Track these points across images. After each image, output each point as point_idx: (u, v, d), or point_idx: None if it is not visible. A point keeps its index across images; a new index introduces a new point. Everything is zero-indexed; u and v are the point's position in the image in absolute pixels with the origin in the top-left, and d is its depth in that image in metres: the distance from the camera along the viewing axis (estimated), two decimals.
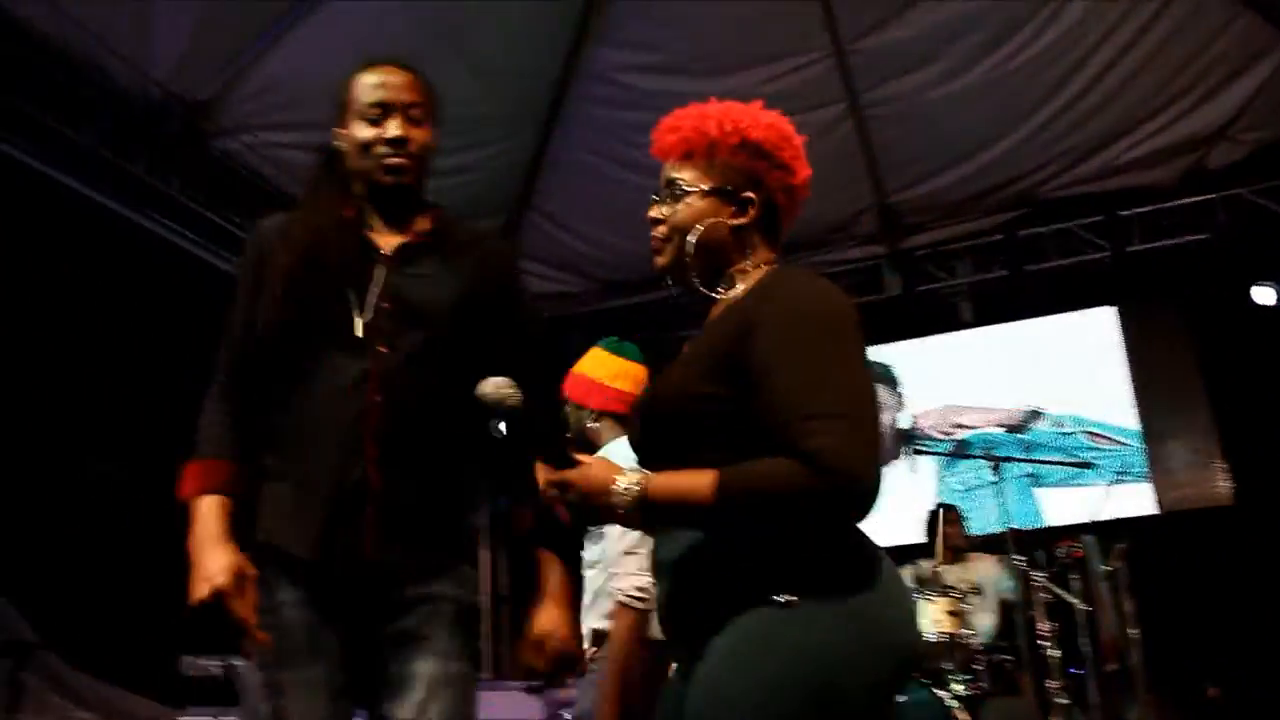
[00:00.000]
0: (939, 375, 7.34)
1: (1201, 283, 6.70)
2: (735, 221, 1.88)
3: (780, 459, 1.56)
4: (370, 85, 2.10)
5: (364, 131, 2.09)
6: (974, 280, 7.31)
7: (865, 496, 1.55)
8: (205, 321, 6.36)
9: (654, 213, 1.92)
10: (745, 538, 1.65)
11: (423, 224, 2.14)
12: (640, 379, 3.16)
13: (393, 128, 2.07)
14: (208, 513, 1.98)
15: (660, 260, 1.91)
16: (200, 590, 1.87)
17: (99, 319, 6.26)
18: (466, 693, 1.98)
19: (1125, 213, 6.84)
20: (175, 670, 5.59)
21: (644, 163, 6.81)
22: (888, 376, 7.48)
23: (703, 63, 6.51)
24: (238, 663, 5.46)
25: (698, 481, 1.62)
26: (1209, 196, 6.64)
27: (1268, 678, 5.64)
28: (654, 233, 1.92)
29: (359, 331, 2.00)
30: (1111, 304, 7.01)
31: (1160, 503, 6.53)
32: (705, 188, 1.88)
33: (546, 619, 2.07)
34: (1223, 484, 6.49)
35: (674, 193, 1.90)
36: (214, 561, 1.91)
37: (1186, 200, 6.70)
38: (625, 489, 1.67)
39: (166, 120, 5.74)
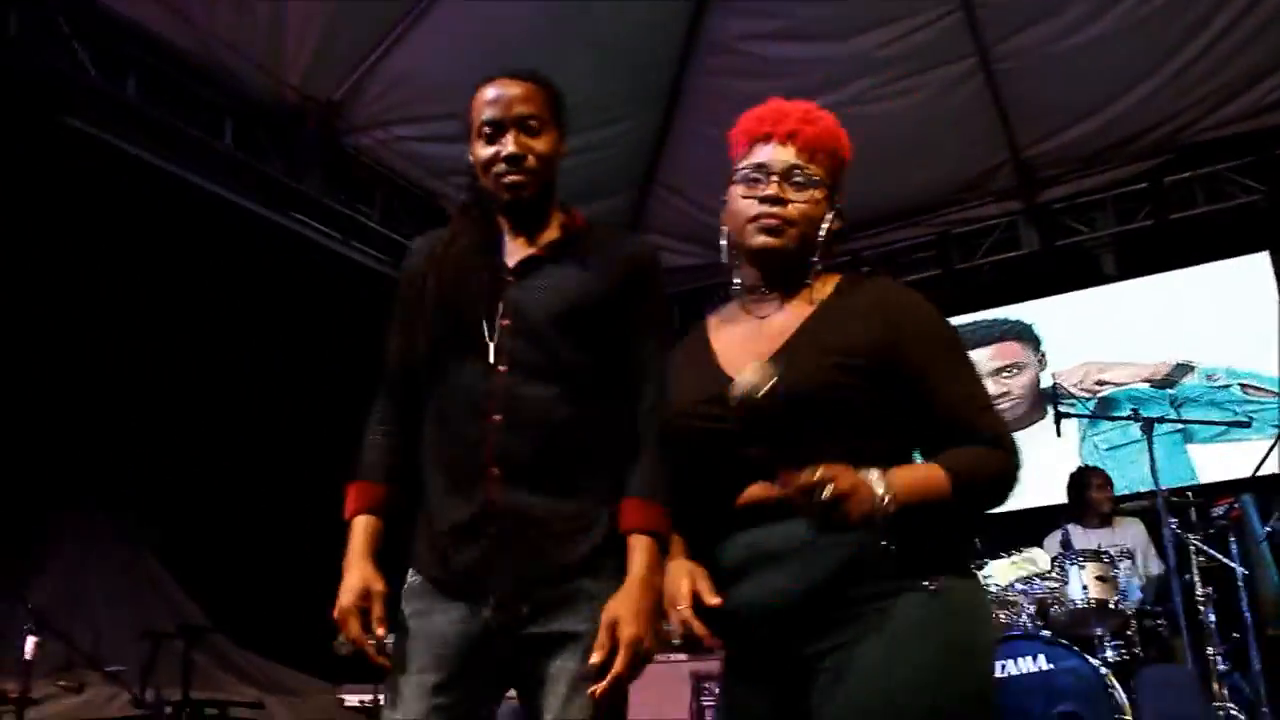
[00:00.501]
0: (1081, 331, 7.10)
1: None
2: (836, 225, 1.94)
3: (972, 447, 1.76)
4: (485, 102, 2.07)
5: (483, 150, 2.07)
6: (1117, 232, 7.04)
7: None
8: (350, 315, 6.64)
9: (774, 191, 1.89)
10: (880, 526, 1.68)
11: (550, 234, 2.12)
12: None
13: (508, 144, 2.04)
14: (356, 532, 2.07)
15: (777, 242, 1.89)
16: (341, 599, 1.99)
17: (250, 320, 6.57)
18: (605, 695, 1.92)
19: (1279, 151, 6.49)
20: (333, 649, 5.82)
21: None
22: (1028, 335, 7.29)
23: (824, 25, 6.43)
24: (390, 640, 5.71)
25: (933, 477, 1.73)
26: None
27: None
28: (774, 211, 1.89)
29: (490, 356, 2.01)
30: (1265, 249, 6.65)
31: None
32: (829, 185, 1.92)
33: (616, 604, 1.91)
34: None
35: (801, 181, 1.90)
36: (347, 581, 2.01)
37: None
38: (884, 492, 1.67)
39: (301, 122, 5.97)
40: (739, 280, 2.01)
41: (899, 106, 6.61)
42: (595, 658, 1.87)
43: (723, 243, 2.01)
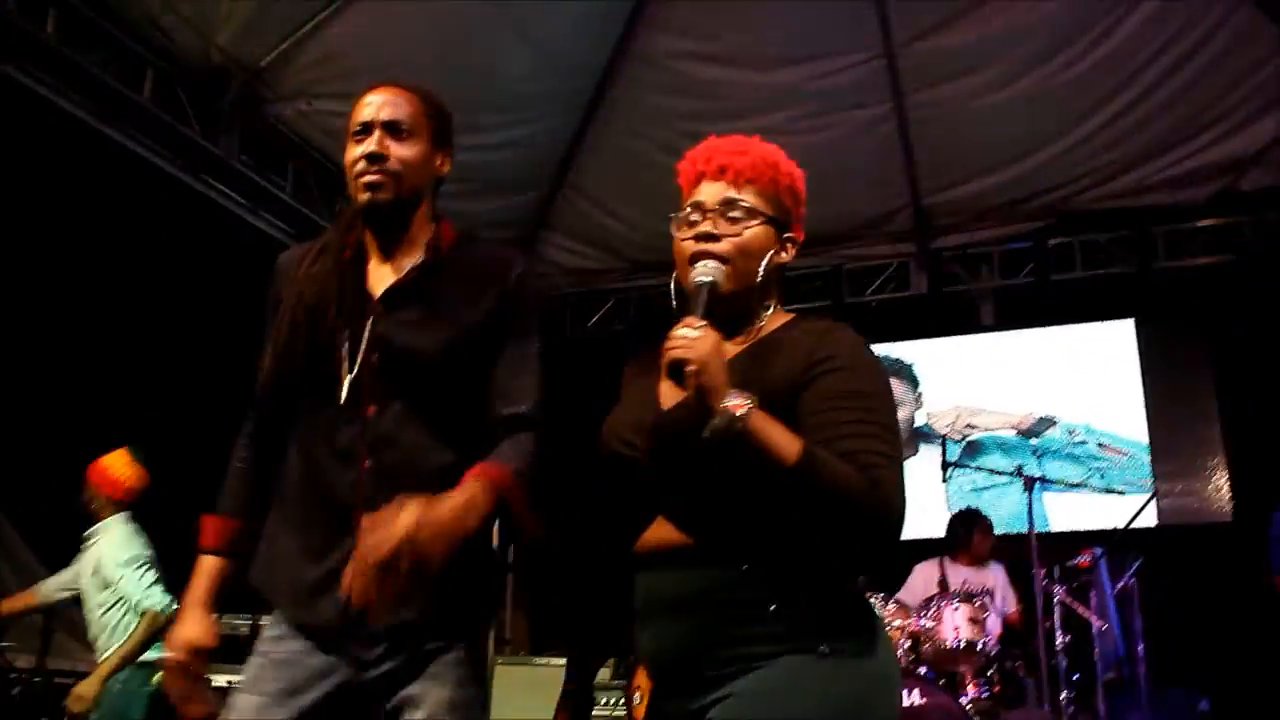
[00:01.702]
0: (957, 375, 7.49)
1: (1223, 303, 6.86)
2: (780, 259, 1.89)
3: (852, 467, 1.65)
4: (359, 107, 2.03)
5: (349, 153, 2.01)
6: (999, 285, 7.46)
7: (898, 531, 1.68)
8: (252, 283, 6.48)
9: (707, 227, 1.82)
10: (776, 581, 1.68)
11: (414, 256, 2.03)
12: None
13: (369, 143, 1.97)
14: (200, 574, 2.03)
15: (724, 279, 1.81)
16: (171, 653, 1.98)
17: (149, 278, 6.34)
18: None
19: (1154, 229, 6.99)
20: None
21: (681, 147, 6.91)
22: (907, 374, 7.64)
23: (752, 54, 6.59)
24: (266, 620, 5.62)
25: (790, 440, 1.63)
26: (1239, 219, 6.80)
27: (1259, 690, 5.88)
28: (709, 248, 1.81)
29: (342, 396, 1.93)
30: (1131, 317, 7.16)
31: (1161, 515, 6.72)
32: (767, 215, 1.85)
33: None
34: (1225, 501, 6.70)
35: (734, 214, 1.83)
36: (182, 631, 1.99)
37: (1215, 221, 6.86)
38: (744, 400, 1.62)
39: (224, 84, 5.81)
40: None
41: (812, 140, 6.82)
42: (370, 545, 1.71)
43: (671, 286, 1.93)
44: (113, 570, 4.59)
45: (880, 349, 7.75)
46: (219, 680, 5.52)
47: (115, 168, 5.70)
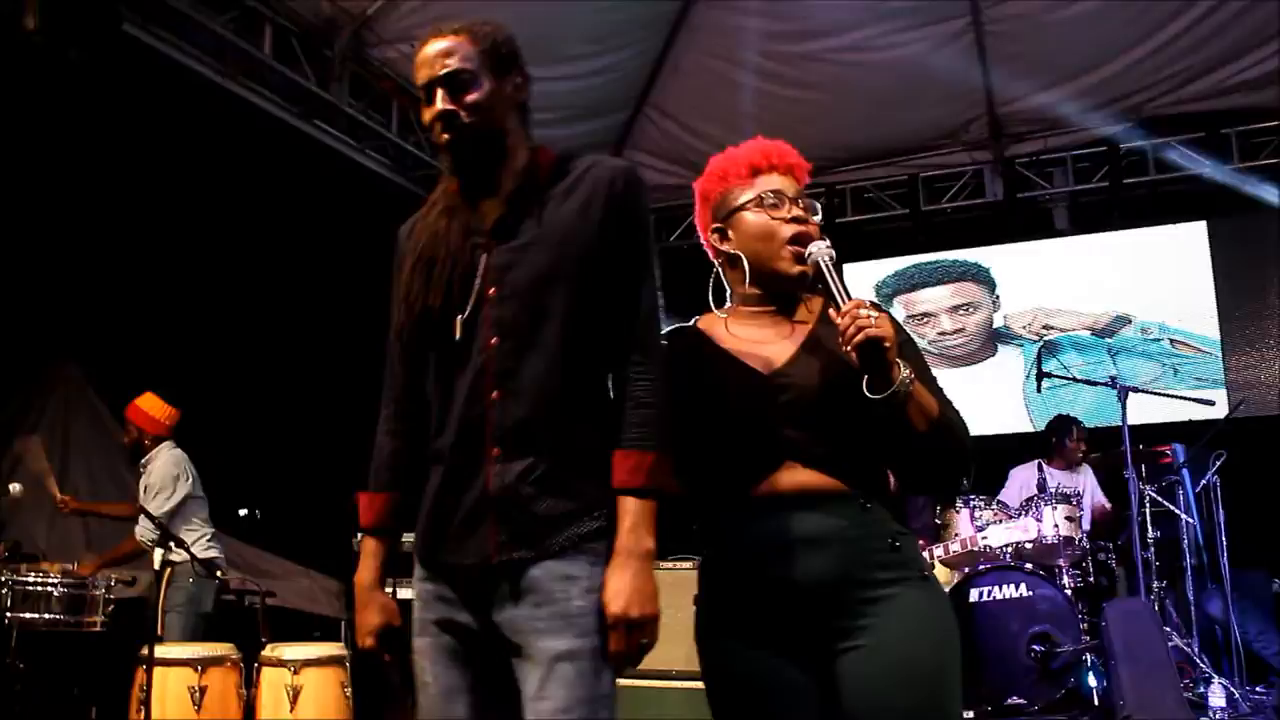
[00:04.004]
0: (1033, 279, 7.75)
1: None
2: None
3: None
4: (417, 67, 1.99)
5: (425, 114, 1.99)
6: (1072, 190, 7.67)
7: None
8: (358, 216, 6.84)
9: (801, 213, 2.05)
10: (893, 518, 1.97)
11: (510, 182, 1.99)
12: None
13: (437, 103, 1.95)
14: (366, 555, 2.06)
15: (808, 268, 2.02)
16: (360, 641, 2.04)
17: (261, 214, 6.69)
18: (587, 667, 1.84)
19: (1225, 131, 7.15)
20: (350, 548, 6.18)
21: (764, 67, 7.11)
22: (984, 277, 7.92)
23: None
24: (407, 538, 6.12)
25: (930, 397, 1.95)
26: None
27: None
28: (812, 230, 2.04)
29: (460, 332, 1.92)
30: (1203, 219, 7.36)
31: (1231, 407, 7.02)
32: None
33: (608, 583, 1.85)
34: None
35: (805, 204, 2.07)
36: (363, 621, 2.03)
37: None
38: (907, 369, 1.90)
39: (335, 34, 6.06)
40: (740, 292, 2.12)
41: (891, 57, 7.00)
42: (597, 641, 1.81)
43: (745, 265, 2.06)
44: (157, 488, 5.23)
45: (958, 254, 8.04)
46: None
47: (236, 119, 6.00)
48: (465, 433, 1.92)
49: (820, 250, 1.99)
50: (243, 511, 7.59)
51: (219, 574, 5.10)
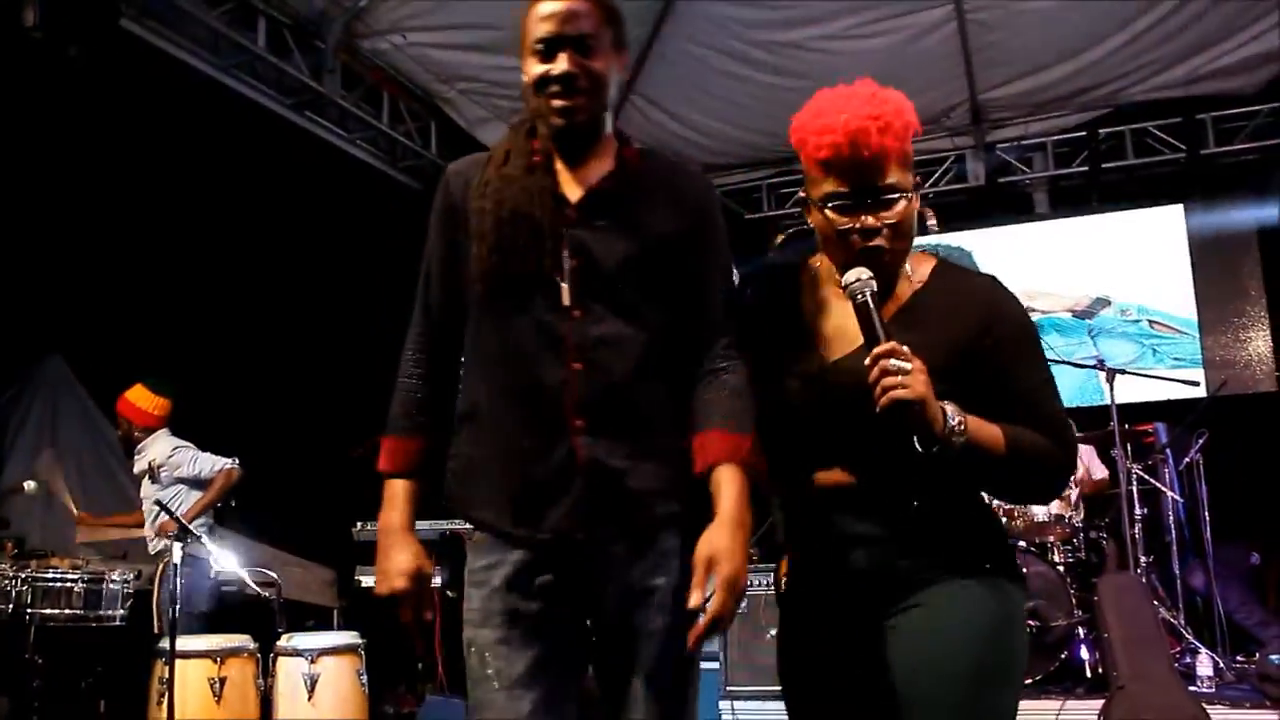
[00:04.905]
0: (1014, 262, 7.88)
1: (1269, 186, 7.24)
2: (923, 211, 2.13)
3: (1035, 432, 1.83)
4: (539, 18, 1.91)
5: (535, 68, 1.91)
6: (1052, 174, 7.81)
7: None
8: (354, 211, 6.87)
9: (871, 221, 1.83)
10: (942, 518, 1.86)
11: (603, 164, 1.96)
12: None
13: (561, 63, 1.88)
14: (395, 499, 2.00)
15: (885, 261, 1.85)
16: (381, 586, 1.97)
17: (259, 206, 6.69)
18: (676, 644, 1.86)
19: (1200, 116, 7.31)
20: (349, 536, 6.22)
21: (749, 55, 7.15)
22: (966, 261, 8.03)
23: None
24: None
25: (994, 431, 1.80)
26: None
27: None
28: (876, 243, 1.83)
29: (565, 299, 1.89)
30: (1179, 202, 7.52)
31: (1210, 388, 7.18)
32: (911, 185, 1.87)
33: (710, 542, 1.84)
34: (1270, 373, 7.20)
35: (887, 199, 1.83)
36: (395, 562, 1.95)
37: (1263, 106, 7.19)
38: (957, 413, 1.76)
39: (328, 26, 6.07)
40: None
41: (875, 44, 7.08)
42: (694, 598, 1.78)
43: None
44: (166, 465, 5.29)
45: (940, 238, 8.15)
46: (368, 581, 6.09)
47: (229, 112, 6.02)
48: (541, 400, 1.89)
49: (858, 284, 1.81)
50: (233, 503, 7.58)
51: (213, 572, 5.11)
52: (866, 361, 1.75)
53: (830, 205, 1.85)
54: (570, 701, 1.93)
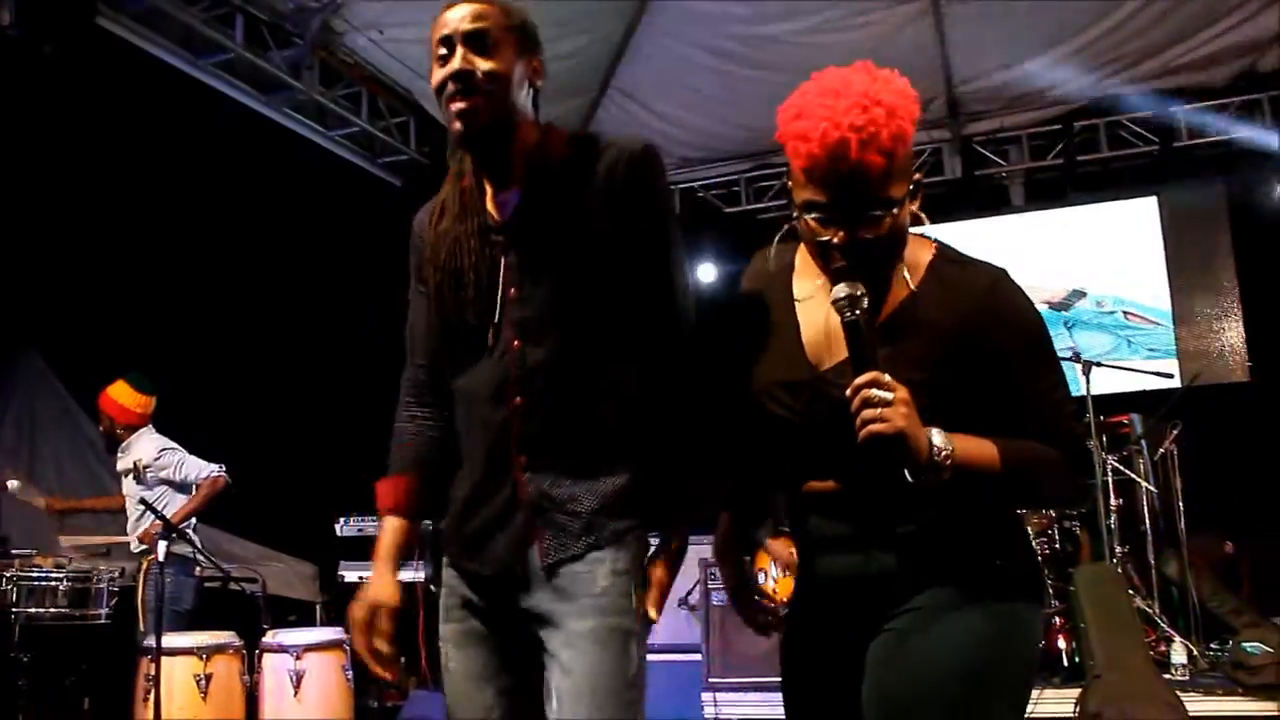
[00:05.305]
0: (990, 254, 7.85)
1: (1240, 177, 7.33)
2: (915, 211, 1.82)
3: (1033, 442, 1.74)
4: (438, 26, 1.89)
5: (436, 74, 1.88)
6: (1028, 167, 7.89)
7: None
8: (326, 201, 6.87)
9: (849, 236, 1.71)
10: (936, 527, 1.78)
11: (521, 165, 1.91)
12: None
13: (454, 61, 1.84)
14: (383, 535, 2.05)
15: (872, 269, 1.75)
16: (353, 610, 2.01)
17: (239, 204, 6.69)
18: (618, 646, 1.83)
19: (1174, 109, 7.39)
20: (332, 531, 6.25)
21: (727, 49, 7.17)
22: None
23: None
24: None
25: (986, 450, 1.71)
26: (1256, 96, 7.21)
27: (1274, 531, 6.55)
28: (856, 259, 1.73)
29: (504, 334, 1.87)
30: (1153, 194, 7.60)
31: (1184, 379, 7.27)
32: (904, 194, 1.75)
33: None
34: (1243, 363, 7.29)
35: (870, 215, 1.71)
36: (369, 590, 2.01)
37: (1235, 99, 7.27)
38: (943, 441, 1.67)
39: (306, 22, 6.07)
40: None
41: (852, 38, 7.11)
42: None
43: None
44: (152, 466, 5.28)
45: (917, 231, 8.17)
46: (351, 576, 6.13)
47: (207, 109, 6.01)
48: (490, 438, 1.90)
49: (846, 301, 1.70)
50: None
51: (197, 570, 5.14)
52: (849, 392, 1.67)
53: (809, 214, 1.75)
54: (529, 694, 1.90)
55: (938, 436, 1.67)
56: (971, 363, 1.75)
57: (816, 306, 1.85)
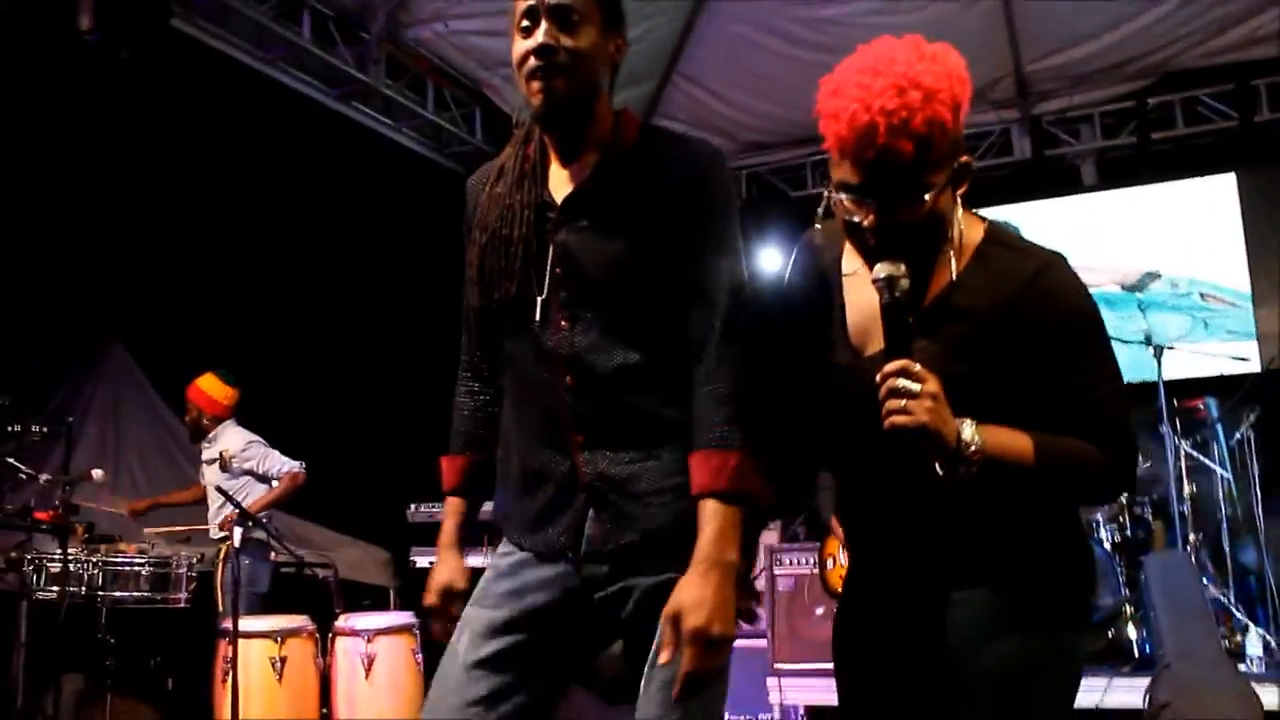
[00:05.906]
0: (1062, 236, 7.80)
1: None
2: (960, 193, 1.75)
3: (1071, 437, 1.68)
4: None
5: (517, 46, 1.84)
6: (1100, 146, 7.71)
7: (1135, 469, 1.79)
8: (396, 193, 7.00)
9: (880, 220, 1.67)
10: (981, 517, 1.75)
11: (593, 148, 1.88)
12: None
13: (538, 35, 1.80)
14: (446, 515, 2.08)
15: (910, 251, 1.69)
16: (425, 598, 2.05)
17: (302, 197, 6.82)
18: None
19: (1255, 82, 7.18)
20: (404, 517, 6.38)
21: (790, 32, 7.14)
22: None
23: None
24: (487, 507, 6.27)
25: (1021, 443, 1.65)
26: None
27: None
28: (887, 241, 1.68)
29: (551, 312, 1.85)
30: (1232, 170, 7.40)
31: (1262, 362, 7.08)
32: (944, 179, 1.69)
33: (679, 592, 1.74)
34: None
35: (913, 195, 1.65)
36: (436, 575, 2.03)
37: None
38: (971, 434, 1.63)
39: (372, 16, 6.17)
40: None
41: (918, 19, 7.01)
42: (664, 657, 1.72)
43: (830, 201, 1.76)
44: (238, 457, 5.48)
45: (986, 212, 8.04)
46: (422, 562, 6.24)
47: (277, 104, 6.14)
48: (544, 418, 1.88)
49: (885, 282, 1.66)
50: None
51: (273, 555, 5.30)
52: (877, 379, 1.64)
53: (841, 193, 1.70)
54: (534, 699, 1.88)
55: (968, 429, 1.63)
56: (1014, 353, 1.70)
57: (863, 284, 1.79)
